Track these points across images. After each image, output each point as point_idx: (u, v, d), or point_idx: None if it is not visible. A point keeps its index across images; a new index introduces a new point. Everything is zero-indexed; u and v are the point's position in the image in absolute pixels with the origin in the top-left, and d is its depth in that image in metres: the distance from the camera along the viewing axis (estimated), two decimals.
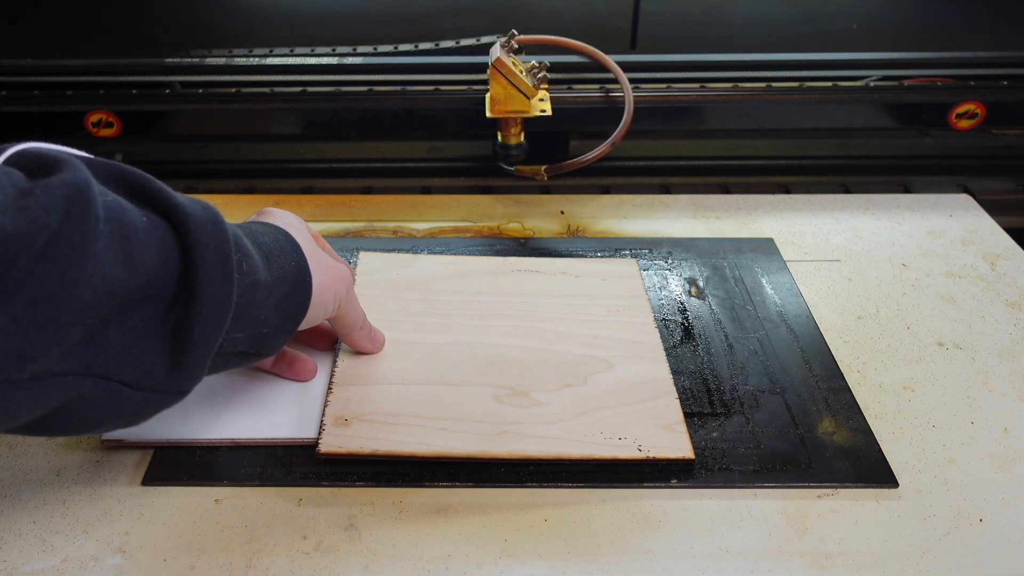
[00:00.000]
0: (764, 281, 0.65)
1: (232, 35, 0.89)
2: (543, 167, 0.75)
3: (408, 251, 0.67)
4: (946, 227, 0.73)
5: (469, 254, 0.67)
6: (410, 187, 0.85)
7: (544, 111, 0.74)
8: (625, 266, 0.65)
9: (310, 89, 0.80)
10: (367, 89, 0.80)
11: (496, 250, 0.69)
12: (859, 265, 0.68)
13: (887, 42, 0.90)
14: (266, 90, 0.80)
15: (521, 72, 0.73)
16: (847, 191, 0.83)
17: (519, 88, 0.72)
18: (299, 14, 0.91)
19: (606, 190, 0.84)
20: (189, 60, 0.83)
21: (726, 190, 0.84)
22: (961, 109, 0.81)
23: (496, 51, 0.73)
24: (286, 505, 0.46)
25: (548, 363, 0.54)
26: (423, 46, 0.84)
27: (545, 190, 0.82)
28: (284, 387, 0.53)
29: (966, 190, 0.82)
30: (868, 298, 0.64)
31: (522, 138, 0.76)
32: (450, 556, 0.43)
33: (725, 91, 0.80)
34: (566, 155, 0.83)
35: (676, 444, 0.48)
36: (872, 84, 0.82)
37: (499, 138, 0.76)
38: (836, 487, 0.47)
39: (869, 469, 0.48)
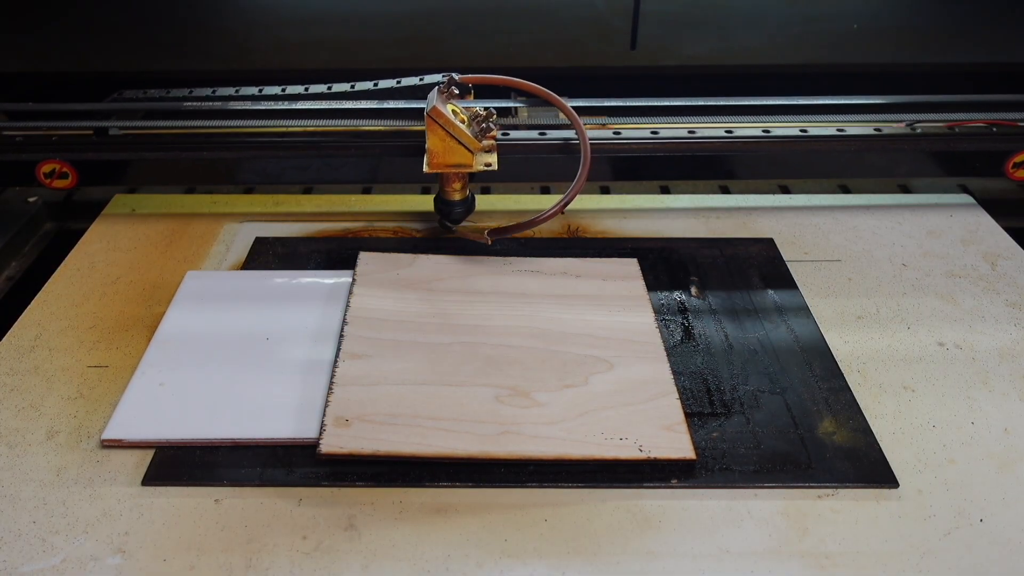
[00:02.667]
0: (764, 281, 0.65)
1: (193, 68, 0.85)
2: (486, 230, 0.66)
3: (408, 251, 0.67)
4: (946, 227, 0.73)
5: (469, 254, 0.67)
6: (410, 187, 0.85)
7: (489, 164, 0.65)
8: (625, 266, 0.65)
9: (257, 130, 0.74)
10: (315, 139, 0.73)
11: (496, 250, 0.69)
12: (859, 265, 0.68)
13: (887, 42, 0.90)
14: (225, 130, 0.74)
15: (462, 122, 0.63)
16: (847, 191, 0.83)
17: (459, 140, 0.62)
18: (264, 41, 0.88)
19: (606, 190, 0.84)
20: (146, 102, 0.78)
21: (726, 190, 0.84)
22: (1019, 158, 0.73)
23: (433, 98, 0.63)
24: (286, 505, 0.45)
25: (549, 363, 0.54)
26: (360, 86, 0.76)
27: (545, 191, 0.82)
28: (284, 387, 0.53)
29: (966, 190, 0.82)
30: (868, 298, 0.64)
31: (467, 192, 0.68)
32: (450, 556, 0.43)
33: (733, 137, 0.73)
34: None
35: (677, 444, 0.48)
36: (919, 130, 0.74)
37: (440, 193, 0.68)
38: (836, 487, 0.47)
39: (869, 469, 0.48)
